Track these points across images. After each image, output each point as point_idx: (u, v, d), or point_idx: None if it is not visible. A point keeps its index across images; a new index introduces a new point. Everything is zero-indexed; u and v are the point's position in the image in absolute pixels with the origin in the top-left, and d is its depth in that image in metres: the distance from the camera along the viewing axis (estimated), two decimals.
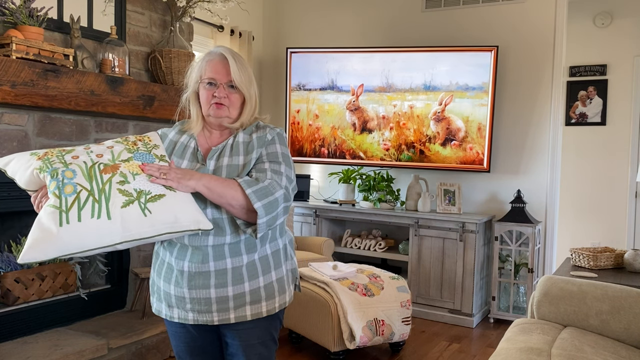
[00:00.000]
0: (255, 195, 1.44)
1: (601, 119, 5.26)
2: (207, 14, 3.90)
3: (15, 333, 2.78)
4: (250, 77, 1.62)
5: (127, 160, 1.46)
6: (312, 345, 3.44)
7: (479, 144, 4.10)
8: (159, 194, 1.41)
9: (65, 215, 1.33)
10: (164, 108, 3.25)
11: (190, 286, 1.55)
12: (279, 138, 1.63)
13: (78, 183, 1.37)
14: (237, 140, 1.61)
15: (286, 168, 1.57)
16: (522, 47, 4.14)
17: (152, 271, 1.70)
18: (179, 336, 1.69)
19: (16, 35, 2.55)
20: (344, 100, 4.47)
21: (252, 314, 1.58)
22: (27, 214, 3.05)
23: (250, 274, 1.57)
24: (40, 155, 1.45)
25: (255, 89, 1.65)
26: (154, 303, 1.69)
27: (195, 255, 1.54)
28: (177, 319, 1.61)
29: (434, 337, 3.70)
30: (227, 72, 1.58)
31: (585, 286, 2.38)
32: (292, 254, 1.73)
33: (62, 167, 1.39)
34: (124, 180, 1.40)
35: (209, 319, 1.57)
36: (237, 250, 1.56)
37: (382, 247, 4.34)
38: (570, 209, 5.39)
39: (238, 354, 1.64)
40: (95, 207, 1.35)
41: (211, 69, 1.59)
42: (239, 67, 1.59)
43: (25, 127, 2.77)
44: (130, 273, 3.38)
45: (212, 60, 1.60)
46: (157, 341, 3.10)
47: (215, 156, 1.60)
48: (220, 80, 1.58)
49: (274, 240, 1.64)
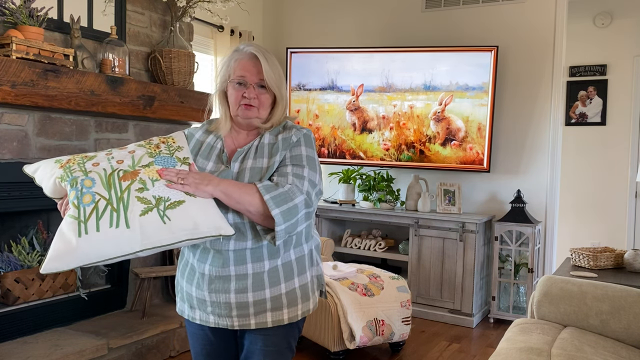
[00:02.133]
0: (273, 201, 1.39)
1: (601, 119, 5.26)
2: (207, 14, 3.90)
3: (15, 333, 2.78)
4: (281, 75, 1.56)
5: (147, 166, 1.45)
6: (312, 345, 3.44)
7: (479, 144, 4.10)
8: (178, 201, 1.39)
9: (84, 226, 1.32)
10: (164, 108, 3.25)
11: (210, 289, 1.53)
12: (305, 139, 1.57)
13: (96, 192, 1.36)
14: (263, 141, 1.56)
15: (309, 172, 1.51)
16: (522, 47, 4.14)
17: (177, 271, 1.69)
18: (198, 337, 1.68)
19: (16, 35, 2.55)
20: (344, 100, 4.48)
21: (273, 320, 1.54)
22: (27, 214, 3.05)
23: (271, 281, 1.53)
24: (62, 163, 1.44)
25: (285, 89, 1.60)
26: (178, 302, 1.69)
27: (216, 258, 1.52)
28: (199, 320, 1.60)
29: (434, 337, 3.70)
30: (257, 72, 1.53)
31: (585, 286, 2.38)
32: (318, 259, 1.66)
33: (82, 176, 1.39)
34: (142, 187, 1.39)
35: (229, 324, 1.55)
36: (259, 256, 1.52)
37: (382, 247, 4.34)
38: (571, 209, 5.39)
39: (252, 359, 1.61)
40: (113, 216, 1.34)
41: (241, 68, 1.53)
42: (270, 66, 1.53)
43: (25, 127, 2.77)
44: (130, 273, 3.38)
45: (242, 59, 1.54)
46: (157, 341, 3.10)
47: (239, 158, 1.55)
48: (251, 80, 1.53)
49: (299, 245, 1.58)
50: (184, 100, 3.37)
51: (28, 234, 3.01)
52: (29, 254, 2.91)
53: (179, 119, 3.36)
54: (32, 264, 2.89)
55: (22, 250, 2.89)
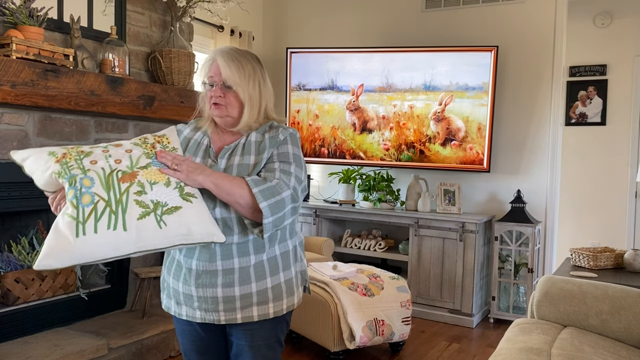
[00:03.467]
0: (261, 194, 1.44)
1: (601, 119, 5.26)
2: (207, 14, 3.90)
3: (15, 333, 2.78)
4: (249, 76, 1.59)
5: (145, 167, 1.46)
6: (312, 345, 3.44)
7: (479, 144, 4.10)
8: (175, 206, 1.41)
9: (82, 227, 1.33)
10: (164, 108, 3.25)
11: (197, 284, 1.56)
12: (292, 138, 1.61)
13: (96, 193, 1.37)
14: (250, 139, 1.61)
15: (296, 168, 1.55)
16: (522, 47, 4.14)
17: (163, 268, 1.71)
18: (186, 334, 1.70)
19: (16, 35, 2.55)
20: (344, 100, 4.47)
21: (259, 314, 1.58)
22: (27, 214, 3.05)
23: (257, 275, 1.57)
24: (58, 157, 1.44)
25: (260, 89, 1.62)
26: (164, 299, 1.71)
27: (203, 253, 1.55)
28: (185, 316, 1.62)
29: (434, 337, 3.70)
30: (220, 72, 1.59)
31: (585, 286, 2.38)
32: (302, 255, 1.72)
33: (81, 174, 1.39)
34: (141, 190, 1.40)
35: (216, 318, 1.57)
36: (245, 250, 1.55)
37: (382, 247, 4.33)
38: (570, 209, 5.39)
39: (243, 355, 1.63)
40: (111, 219, 1.35)
41: (209, 69, 1.61)
42: (230, 66, 1.56)
43: (25, 127, 2.77)
44: (130, 273, 3.38)
45: (208, 61, 1.63)
46: (157, 341, 3.10)
47: (227, 155, 1.60)
48: (217, 80, 1.59)
49: (283, 241, 1.63)
50: (184, 100, 3.37)
51: (28, 234, 3.01)
52: (29, 254, 2.91)
53: (179, 119, 3.36)
54: (32, 264, 2.89)
55: (22, 250, 2.89)
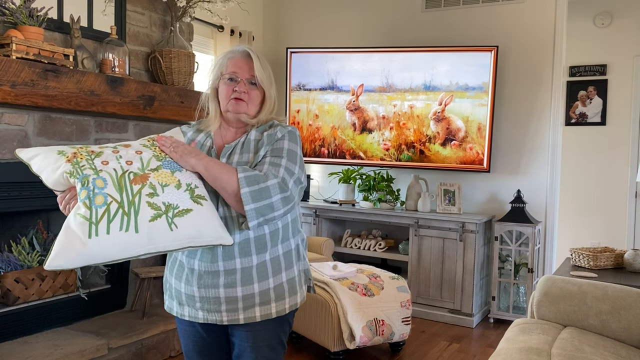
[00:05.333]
0: (245, 180, 1.44)
1: (601, 119, 5.26)
2: (207, 14, 3.90)
3: (15, 333, 2.78)
4: (271, 77, 1.65)
5: (156, 169, 1.46)
6: (312, 345, 3.44)
7: (479, 144, 4.10)
8: (186, 209, 1.42)
9: (95, 228, 1.33)
10: (164, 108, 3.25)
11: (199, 285, 1.56)
12: (290, 135, 1.61)
13: (108, 194, 1.37)
14: (249, 138, 1.62)
15: (287, 162, 1.54)
16: (522, 47, 4.14)
17: (166, 269, 1.72)
18: (188, 334, 1.70)
19: (16, 35, 2.55)
20: (344, 100, 4.47)
21: (262, 314, 1.57)
22: (27, 214, 3.05)
23: (260, 275, 1.56)
24: (69, 157, 1.43)
25: (275, 91, 1.67)
26: (166, 300, 1.71)
27: (205, 254, 1.55)
28: (188, 317, 1.62)
29: (434, 337, 3.70)
30: (249, 68, 1.60)
31: (585, 286, 2.38)
32: (304, 254, 1.71)
33: (93, 175, 1.39)
34: (153, 192, 1.41)
35: (218, 319, 1.57)
36: (247, 251, 1.55)
37: (382, 247, 4.34)
38: (571, 209, 5.39)
39: (244, 356, 1.63)
40: (124, 220, 1.35)
41: (233, 64, 1.61)
42: (262, 66, 1.61)
43: (25, 127, 2.77)
44: (130, 273, 3.38)
45: (234, 57, 1.63)
46: (157, 341, 3.10)
47: (227, 154, 1.61)
48: (242, 76, 1.60)
49: (286, 240, 1.62)
50: (184, 100, 3.37)
51: (28, 234, 3.01)
52: (29, 254, 2.91)
53: (179, 119, 3.37)
54: (32, 264, 2.89)
55: (22, 250, 2.89)
